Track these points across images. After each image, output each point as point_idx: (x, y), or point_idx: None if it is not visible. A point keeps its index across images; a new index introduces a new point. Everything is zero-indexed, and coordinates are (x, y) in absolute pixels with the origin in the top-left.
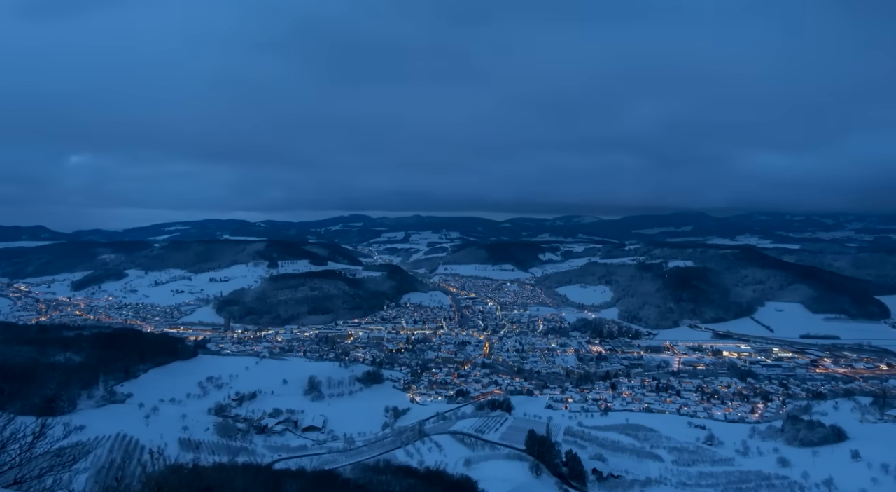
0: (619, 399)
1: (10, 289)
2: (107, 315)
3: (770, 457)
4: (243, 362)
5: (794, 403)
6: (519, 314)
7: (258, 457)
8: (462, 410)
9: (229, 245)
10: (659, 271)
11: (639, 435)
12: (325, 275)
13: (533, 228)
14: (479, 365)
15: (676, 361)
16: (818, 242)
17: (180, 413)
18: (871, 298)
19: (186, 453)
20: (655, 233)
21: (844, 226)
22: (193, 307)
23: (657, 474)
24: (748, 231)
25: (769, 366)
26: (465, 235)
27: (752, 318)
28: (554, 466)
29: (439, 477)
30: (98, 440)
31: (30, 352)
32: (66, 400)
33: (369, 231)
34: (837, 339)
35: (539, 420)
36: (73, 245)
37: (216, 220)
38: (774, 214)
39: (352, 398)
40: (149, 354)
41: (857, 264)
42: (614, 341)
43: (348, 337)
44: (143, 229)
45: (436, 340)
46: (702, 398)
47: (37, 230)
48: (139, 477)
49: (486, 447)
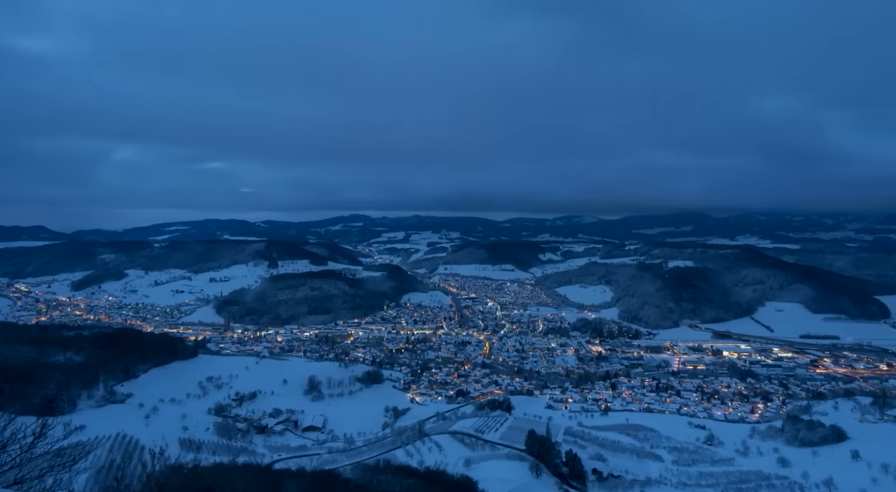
0: (619, 399)
1: (10, 289)
2: (107, 315)
3: (770, 457)
4: (243, 362)
5: (794, 403)
6: (519, 314)
7: (258, 457)
8: (462, 410)
9: (229, 245)
10: (659, 271)
11: (639, 435)
12: (325, 275)
13: (533, 228)
14: (479, 365)
15: (676, 361)
16: (818, 242)
17: (180, 413)
18: (871, 298)
19: (186, 454)
20: (655, 233)
21: (844, 226)
22: (193, 307)
23: (657, 474)
24: (748, 231)
25: (769, 366)
26: (465, 235)
27: (752, 318)
28: (554, 466)
29: (439, 477)
30: (98, 440)
31: (30, 352)
32: (66, 400)
33: (369, 231)
34: (837, 339)
35: (539, 420)
36: (73, 245)
37: (216, 220)
38: (774, 214)
39: (352, 398)
40: (149, 354)
41: (857, 264)
42: (614, 341)
43: (348, 337)
44: (143, 229)
45: (436, 340)
46: (702, 398)
47: (37, 230)
48: (140, 477)
49: (486, 447)
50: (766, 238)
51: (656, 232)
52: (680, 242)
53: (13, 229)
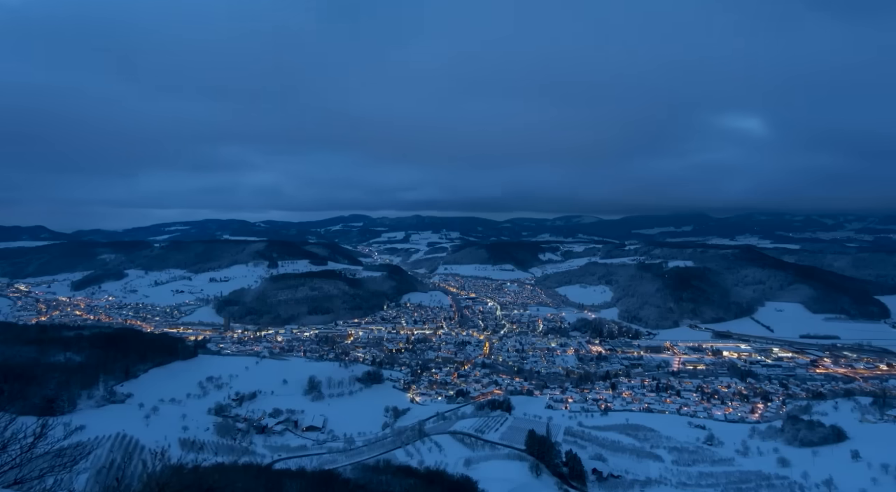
0: (619, 399)
1: (10, 289)
2: (107, 315)
3: (770, 457)
4: (243, 362)
5: (794, 403)
6: (519, 314)
7: (258, 457)
8: (462, 410)
9: (229, 245)
10: (659, 271)
11: (639, 435)
12: (325, 275)
13: (533, 228)
14: (479, 365)
15: (676, 362)
16: (818, 242)
17: (180, 413)
18: (871, 298)
19: (187, 454)
20: (655, 233)
21: (844, 226)
22: (193, 307)
23: (657, 474)
24: (748, 231)
25: (769, 366)
26: (465, 235)
27: (752, 318)
28: (554, 466)
29: (439, 477)
30: (98, 440)
31: (30, 352)
32: (66, 400)
33: (369, 231)
34: (837, 339)
35: (539, 420)
36: (73, 245)
37: (216, 220)
38: (774, 214)
39: (352, 398)
40: (149, 355)
41: (857, 264)
42: (614, 341)
43: (348, 337)
44: (143, 229)
45: (436, 340)
46: (702, 398)
47: (37, 230)
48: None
49: (486, 447)
50: (766, 238)
51: (656, 232)
52: (680, 242)
53: (13, 229)
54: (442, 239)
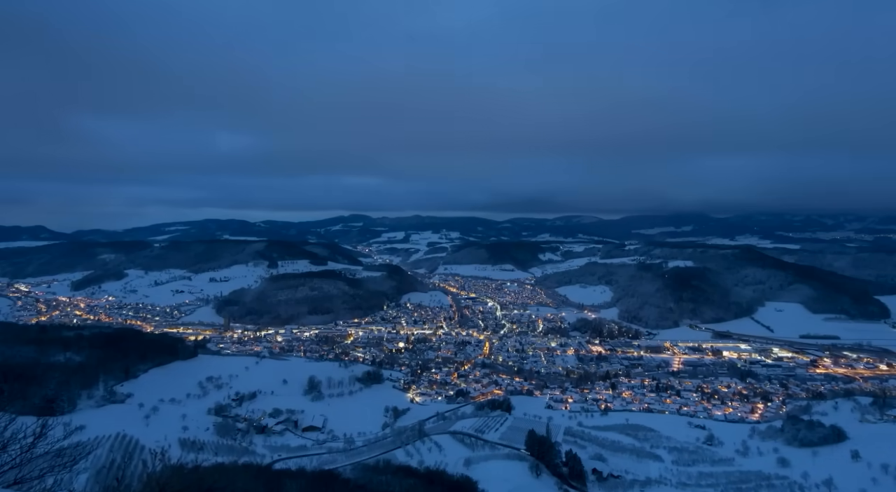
0: (619, 399)
1: (10, 289)
2: (107, 315)
3: (770, 457)
4: (243, 362)
5: (794, 403)
6: (519, 314)
7: (258, 457)
8: (462, 410)
9: (229, 245)
10: (659, 271)
11: (639, 435)
12: (325, 275)
13: (533, 228)
14: (479, 365)
15: (676, 361)
16: (818, 242)
17: (180, 413)
18: (871, 298)
19: (187, 454)
20: (655, 233)
21: (844, 226)
22: (193, 307)
23: (657, 474)
24: (748, 231)
25: (769, 366)
26: (465, 235)
27: (752, 318)
28: (554, 466)
29: (439, 477)
30: (98, 440)
31: (30, 352)
32: (66, 400)
33: (369, 231)
34: (837, 339)
35: (539, 420)
36: (73, 245)
37: (216, 220)
38: (774, 214)
39: (352, 398)
40: (149, 355)
41: (857, 264)
42: (614, 341)
43: (348, 337)
44: (143, 229)
45: (436, 341)
46: (702, 398)
47: (37, 230)
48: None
49: (486, 447)
50: (766, 238)
51: (656, 232)
52: (680, 242)
53: (13, 229)
54: (442, 239)
